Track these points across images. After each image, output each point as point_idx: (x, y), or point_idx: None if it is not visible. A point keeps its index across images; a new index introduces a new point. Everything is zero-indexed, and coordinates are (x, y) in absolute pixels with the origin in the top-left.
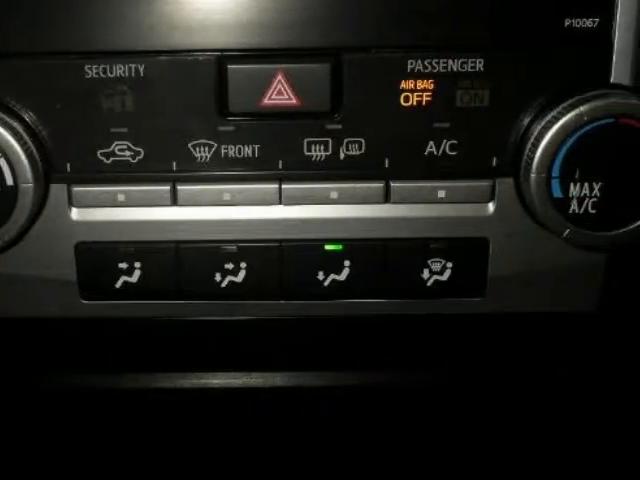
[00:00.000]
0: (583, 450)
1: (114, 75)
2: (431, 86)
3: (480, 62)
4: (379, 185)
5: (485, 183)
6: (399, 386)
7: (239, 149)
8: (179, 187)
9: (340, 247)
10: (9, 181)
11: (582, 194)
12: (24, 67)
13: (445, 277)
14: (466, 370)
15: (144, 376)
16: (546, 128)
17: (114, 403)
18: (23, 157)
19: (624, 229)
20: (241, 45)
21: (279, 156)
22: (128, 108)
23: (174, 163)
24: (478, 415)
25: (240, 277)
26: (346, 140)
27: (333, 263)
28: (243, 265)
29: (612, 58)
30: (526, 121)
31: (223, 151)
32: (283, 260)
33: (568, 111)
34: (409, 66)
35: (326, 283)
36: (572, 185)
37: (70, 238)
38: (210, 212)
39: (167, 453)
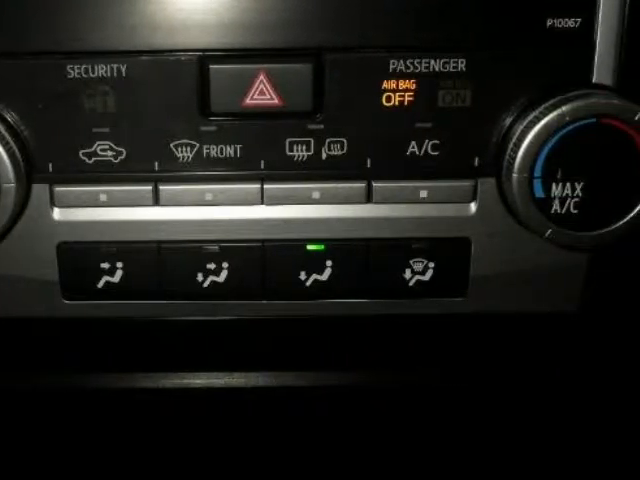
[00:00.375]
0: (569, 448)
1: (96, 75)
2: (413, 86)
3: (462, 62)
4: (361, 185)
5: (467, 183)
6: (380, 386)
7: (221, 149)
8: (161, 187)
9: (322, 247)
10: None
11: (564, 194)
12: (5, 67)
13: (427, 277)
14: (450, 370)
15: (126, 376)
16: (528, 128)
17: (95, 403)
18: (5, 157)
19: (606, 229)
20: (223, 45)
21: (261, 156)
22: (110, 108)
23: (156, 163)
24: (463, 414)
25: (222, 277)
26: (328, 140)
27: (315, 263)
28: (225, 265)
29: (594, 58)
30: (508, 121)
31: (205, 151)
32: (265, 260)
33: (550, 111)
34: (391, 66)
35: (308, 283)
36: (554, 185)
37: (52, 238)
38: (192, 212)
39: (148, 453)
